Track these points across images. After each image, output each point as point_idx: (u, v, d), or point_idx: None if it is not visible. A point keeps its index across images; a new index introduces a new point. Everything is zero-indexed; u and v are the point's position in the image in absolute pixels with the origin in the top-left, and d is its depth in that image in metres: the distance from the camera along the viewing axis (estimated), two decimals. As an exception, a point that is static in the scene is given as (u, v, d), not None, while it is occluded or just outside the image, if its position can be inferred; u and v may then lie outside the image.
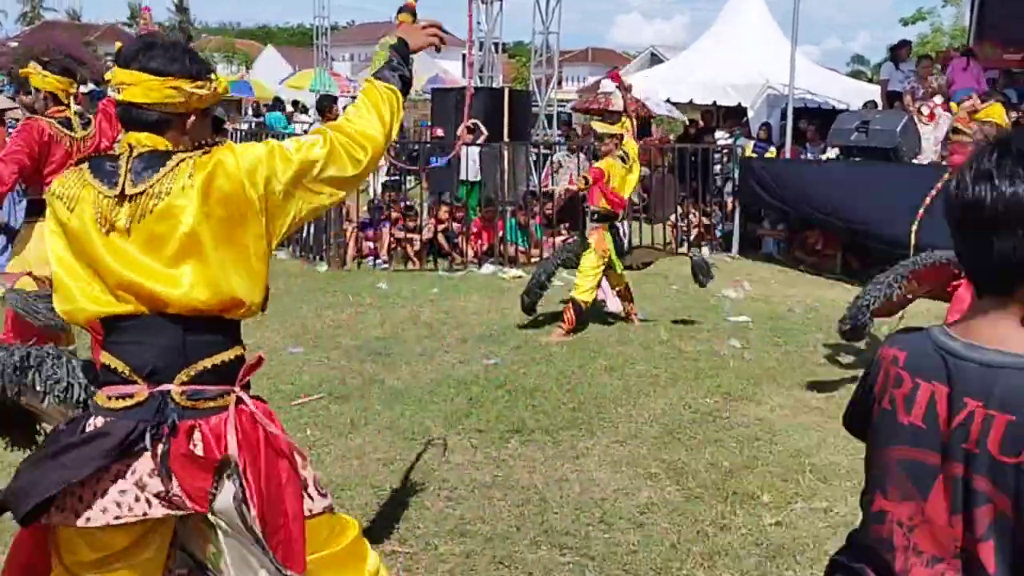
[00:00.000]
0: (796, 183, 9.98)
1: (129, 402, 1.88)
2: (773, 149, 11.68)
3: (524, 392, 5.09)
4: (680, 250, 10.67)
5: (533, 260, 9.87)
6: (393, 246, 9.70)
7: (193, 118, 1.95)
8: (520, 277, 8.94)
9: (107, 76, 1.96)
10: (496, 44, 15.00)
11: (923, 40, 28.53)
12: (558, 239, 9.84)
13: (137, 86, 1.88)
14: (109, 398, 1.90)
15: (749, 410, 4.93)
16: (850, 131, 9.65)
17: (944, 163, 9.24)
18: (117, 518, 1.83)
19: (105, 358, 1.93)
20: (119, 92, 1.91)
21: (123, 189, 1.87)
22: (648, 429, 4.58)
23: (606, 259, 6.51)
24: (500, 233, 9.93)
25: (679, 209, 11.35)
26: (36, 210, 4.28)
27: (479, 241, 9.97)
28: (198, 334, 1.90)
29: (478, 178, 10.88)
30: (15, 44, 33.40)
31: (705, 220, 11.34)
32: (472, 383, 5.23)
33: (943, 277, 4.96)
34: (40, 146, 4.24)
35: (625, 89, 7.16)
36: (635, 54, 42.92)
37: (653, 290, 8.10)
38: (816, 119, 11.93)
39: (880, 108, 10.98)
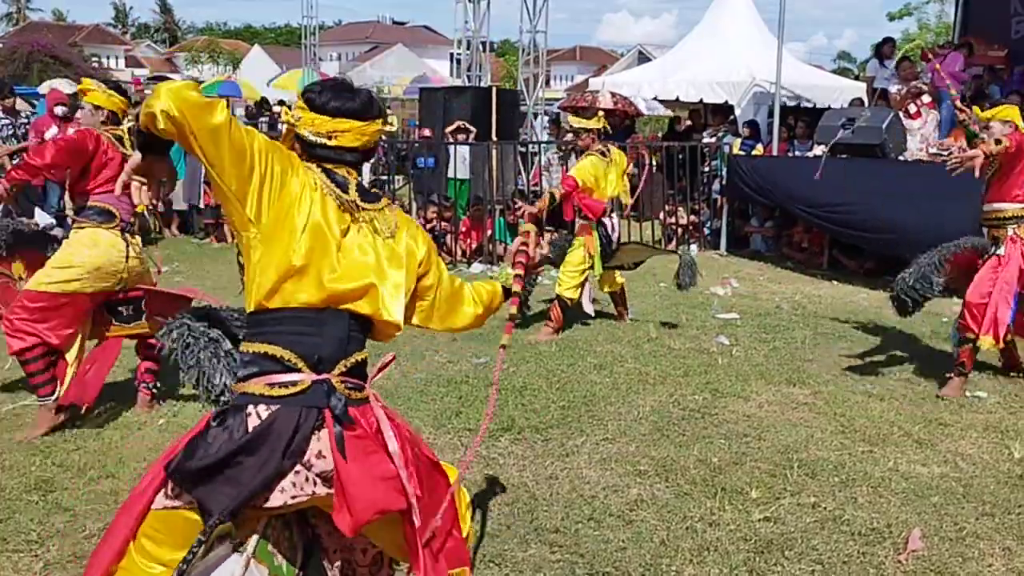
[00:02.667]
0: (783, 180, 10.03)
1: (293, 389, 1.98)
2: (760, 146, 11.72)
3: (514, 391, 5.10)
4: (670, 247, 10.72)
5: (522, 259, 9.88)
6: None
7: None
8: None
9: (287, 117, 2.14)
10: (484, 43, 15.02)
11: (908, 37, 28.68)
12: (546, 237, 9.84)
13: (350, 132, 2.11)
14: (271, 386, 1.98)
15: (737, 406, 4.96)
16: (836, 128, 9.69)
17: (931, 160, 9.34)
18: (294, 498, 1.95)
19: (263, 348, 2.01)
20: (331, 139, 2.10)
21: (356, 201, 2.11)
22: (637, 426, 4.60)
23: (591, 257, 6.44)
24: (489, 232, 9.94)
25: (667, 207, 11.38)
26: (85, 216, 4.35)
27: (468, 240, 9.98)
28: (357, 331, 2.10)
29: (466, 175, 10.89)
30: (0, 45, 33.12)
31: (693, 218, 11.38)
32: (462, 382, 5.24)
33: (968, 263, 5.17)
34: (87, 155, 4.28)
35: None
36: (623, 52, 43.00)
37: (642, 288, 8.12)
38: (803, 116, 11.98)
39: (866, 105, 11.04)
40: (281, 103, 18.43)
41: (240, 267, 2.11)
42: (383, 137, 2.31)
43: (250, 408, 1.97)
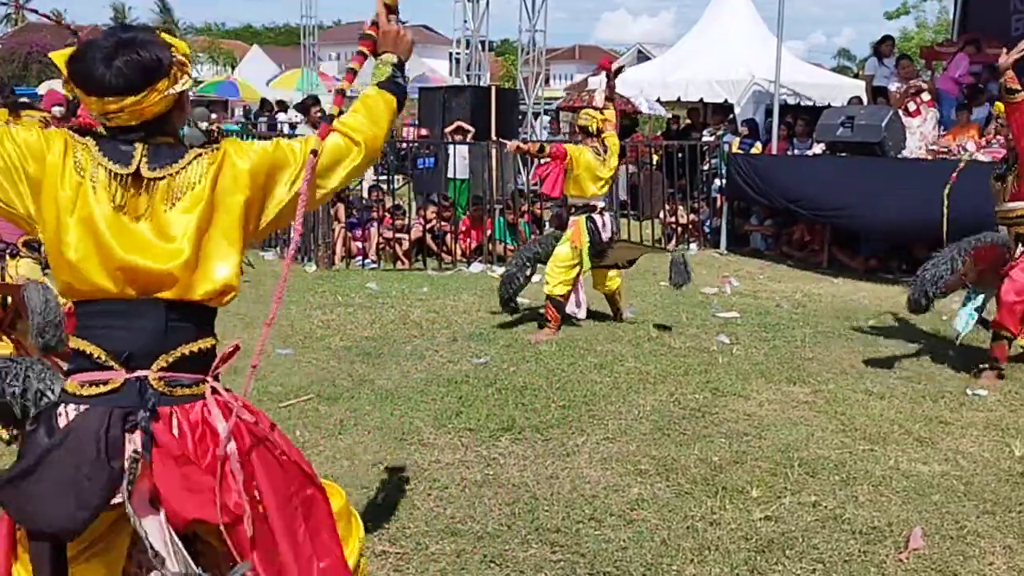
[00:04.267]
0: (783, 178, 10.04)
1: (103, 388, 1.84)
2: (759, 145, 11.73)
3: (514, 390, 5.10)
4: (668, 246, 10.73)
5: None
6: (382, 246, 9.69)
7: (183, 103, 1.96)
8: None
9: (65, 90, 1.91)
10: (483, 42, 15.02)
11: (906, 35, 28.69)
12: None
13: (123, 112, 1.84)
14: (81, 385, 1.85)
15: (738, 405, 4.95)
16: (836, 126, 9.70)
17: (931, 157, 9.35)
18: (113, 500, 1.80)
19: (77, 343, 1.87)
20: (109, 120, 1.86)
21: (138, 171, 1.86)
22: (638, 426, 4.59)
23: (579, 253, 6.34)
24: (489, 232, 9.93)
25: (667, 206, 11.38)
26: None
27: (468, 240, 9.98)
28: (180, 320, 1.89)
29: (465, 175, 10.88)
30: (-1, 46, 33.06)
31: (693, 217, 11.38)
32: (462, 382, 5.23)
33: (994, 259, 5.23)
34: None
35: (613, 77, 6.86)
36: (622, 51, 42.97)
37: (642, 287, 8.12)
38: (803, 114, 11.98)
39: (865, 103, 11.04)
40: (280, 103, 18.43)
41: None
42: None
43: (61, 408, 1.84)
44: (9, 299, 4.22)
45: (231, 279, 1.90)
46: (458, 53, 15.69)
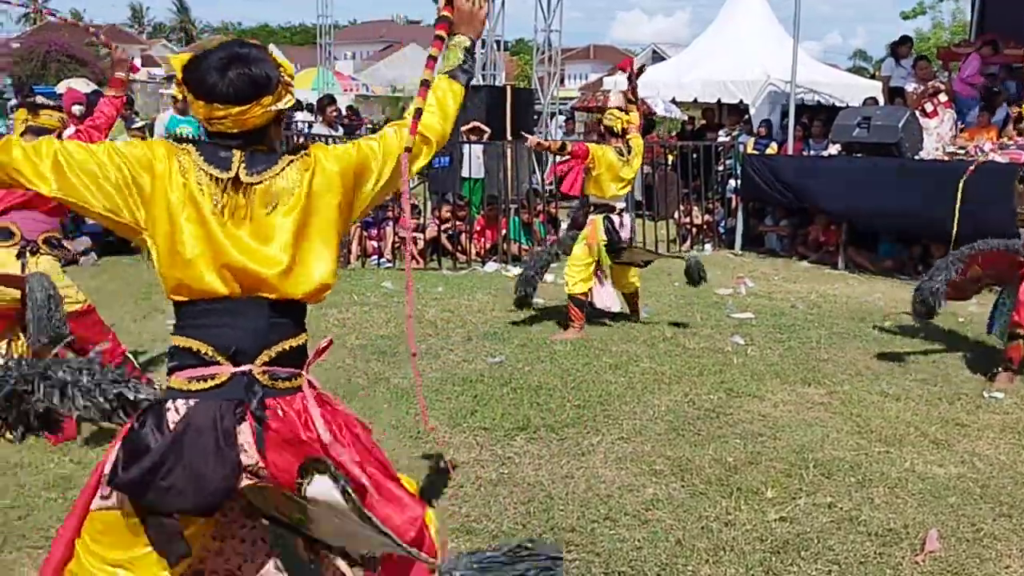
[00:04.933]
0: (799, 178, 10.01)
1: (211, 383, 1.94)
2: (774, 145, 11.69)
3: (529, 390, 5.11)
4: (683, 248, 10.72)
5: (536, 258, 9.90)
6: (397, 245, 9.72)
7: (281, 119, 2.07)
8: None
9: (176, 92, 2.03)
10: (498, 42, 15.04)
11: (922, 36, 28.51)
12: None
13: (227, 119, 1.95)
14: (189, 380, 1.95)
15: (753, 406, 4.95)
16: (852, 127, 9.67)
17: (947, 158, 9.31)
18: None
19: (183, 341, 1.97)
20: (210, 125, 1.97)
21: (238, 176, 1.96)
22: (653, 426, 4.60)
23: (596, 251, 6.35)
24: (504, 231, 9.94)
25: (681, 207, 11.36)
26: None
27: (482, 239, 9.99)
28: (280, 317, 2.00)
29: (481, 175, 10.90)
30: (16, 45, 33.38)
31: (708, 217, 11.36)
32: (477, 381, 5.25)
33: (1006, 263, 5.27)
34: None
35: (636, 77, 6.82)
36: (637, 51, 42.90)
37: (657, 287, 8.11)
38: (819, 115, 11.94)
39: (881, 104, 10.99)
40: (297, 103, 18.47)
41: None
42: None
43: (169, 403, 1.94)
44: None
45: (328, 278, 2.03)
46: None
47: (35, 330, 3.99)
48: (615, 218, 6.42)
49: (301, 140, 9.94)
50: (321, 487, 1.88)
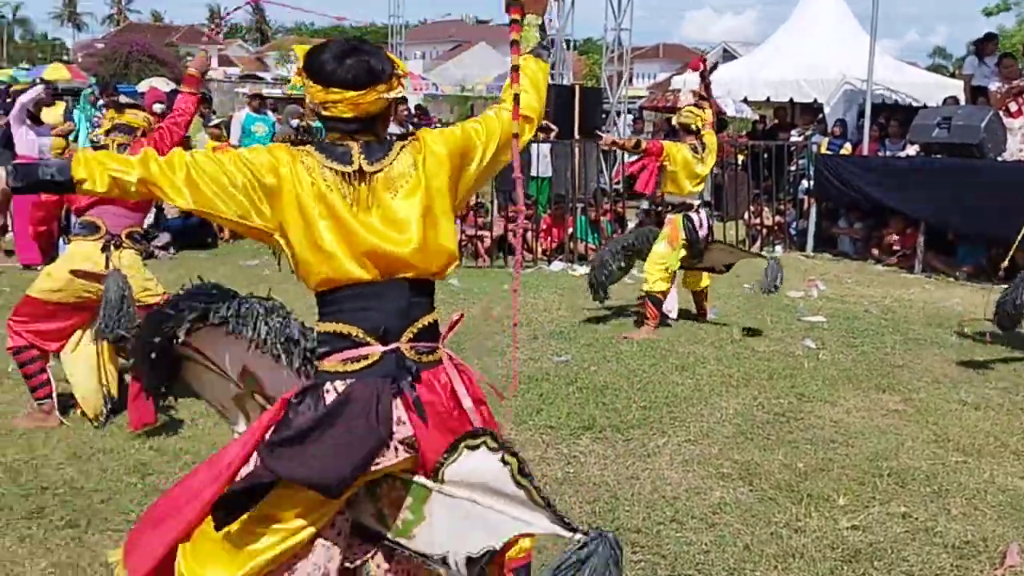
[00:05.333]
0: (876, 179, 9.76)
1: (365, 363, 2.03)
2: (848, 146, 11.42)
3: (595, 390, 5.09)
4: (754, 248, 10.55)
5: (603, 258, 9.85)
6: (463, 243, 9.78)
7: (392, 110, 2.18)
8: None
9: (294, 80, 2.11)
10: (567, 41, 15.02)
11: (1005, 33, 27.48)
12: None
13: (342, 103, 2.04)
14: (343, 362, 2.04)
15: (824, 412, 4.85)
16: (931, 127, 9.40)
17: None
18: (377, 464, 2.00)
19: (333, 327, 2.07)
20: (325, 110, 2.06)
21: (360, 168, 2.06)
22: (720, 429, 4.54)
23: (677, 250, 6.34)
24: (570, 230, 9.93)
25: (752, 207, 11.18)
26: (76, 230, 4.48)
27: (548, 238, 10.00)
28: (418, 296, 2.10)
29: (548, 173, 10.90)
30: (101, 45, 34.59)
31: (779, 218, 11.16)
32: (543, 380, 5.26)
33: None
34: None
35: (708, 74, 6.77)
36: (706, 50, 42.34)
37: (726, 289, 8.00)
38: (896, 115, 11.62)
39: (962, 103, 10.65)
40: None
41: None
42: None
43: (327, 385, 2.03)
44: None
45: (454, 249, 2.13)
46: (542, 51, 15.69)
47: (101, 326, 4.13)
48: (693, 216, 6.39)
49: (304, 132, 9.99)
50: (470, 463, 1.96)
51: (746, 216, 11.28)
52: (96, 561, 3.09)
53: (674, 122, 6.70)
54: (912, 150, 10.27)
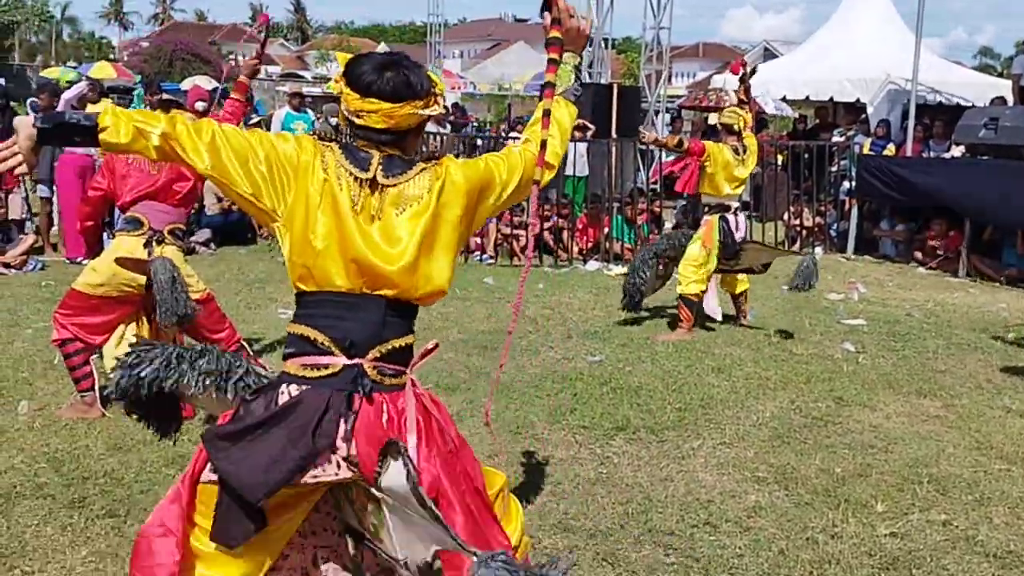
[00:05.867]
0: (922, 181, 9.59)
1: (324, 372, 2.03)
2: (891, 146, 11.23)
3: (629, 390, 5.07)
4: (793, 248, 10.42)
5: (639, 258, 9.80)
6: (499, 242, 9.79)
7: (422, 128, 2.18)
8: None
9: (332, 85, 2.14)
10: (606, 39, 14.95)
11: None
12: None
13: (376, 114, 2.05)
14: (303, 367, 2.04)
15: (863, 416, 4.78)
16: (978, 128, 9.22)
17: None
18: (315, 477, 1.99)
19: (301, 330, 2.07)
20: (358, 118, 2.06)
21: (375, 177, 2.05)
22: (756, 432, 4.49)
23: (712, 253, 6.26)
24: (606, 230, 9.89)
25: (791, 208, 11.04)
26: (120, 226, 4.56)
27: (584, 238, 9.97)
28: (395, 316, 2.07)
29: (584, 173, 10.86)
30: (146, 44, 35.17)
31: (819, 219, 11.01)
32: (576, 379, 5.24)
33: None
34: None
35: (749, 77, 6.68)
36: (747, 49, 41.91)
37: (763, 291, 7.91)
38: (941, 115, 11.41)
39: (1011, 104, 10.42)
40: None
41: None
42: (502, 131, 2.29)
43: (283, 387, 2.03)
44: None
45: (444, 284, 2.10)
46: (580, 50, 15.63)
47: (164, 311, 4.21)
48: (730, 218, 6.31)
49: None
50: (393, 472, 1.91)
51: (786, 217, 11.15)
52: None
53: (716, 122, 6.63)
54: (957, 151, 10.08)
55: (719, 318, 6.57)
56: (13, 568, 3.02)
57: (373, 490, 2.01)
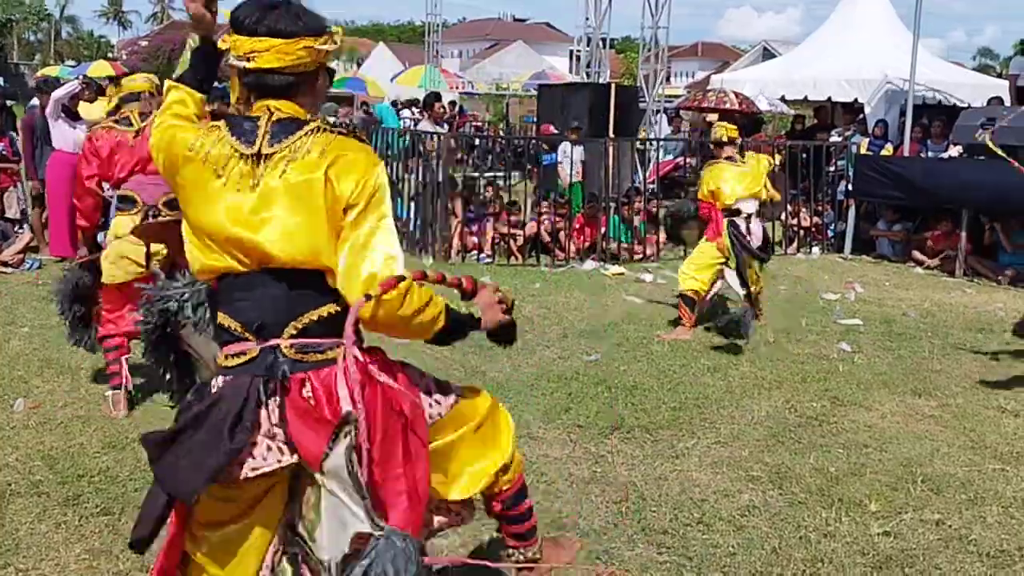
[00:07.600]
0: (919, 181, 9.59)
1: (243, 359, 1.97)
2: (889, 146, 11.24)
3: (624, 389, 5.07)
4: (789, 250, 10.44)
5: (636, 257, 9.81)
6: (496, 241, 9.79)
7: (321, 78, 2.05)
8: (622, 274, 8.90)
9: (223, 44, 2.01)
10: (604, 39, 14.95)
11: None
12: (662, 235, 9.70)
13: (269, 52, 1.94)
14: (227, 356, 1.99)
15: (858, 416, 4.78)
16: (975, 128, 9.20)
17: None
18: (254, 469, 1.93)
19: (220, 318, 2.02)
20: (249, 61, 1.95)
21: (260, 149, 1.95)
22: (751, 431, 4.50)
23: (724, 256, 6.13)
24: (603, 229, 9.89)
25: (789, 208, 11.05)
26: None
27: (581, 237, 9.97)
28: (302, 288, 1.95)
29: (578, 179, 10.84)
30: (144, 43, 35.14)
31: (816, 219, 11.01)
32: (572, 379, 5.25)
33: None
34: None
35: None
36: (746, 48, 41.90)
37: (759, 290, 7.92)
38: (939, 115, 11.41)
39: (1008, 104, 10.43)
40: (408, 103, 18.77)
41: None
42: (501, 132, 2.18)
43: (215, 380, 2.00)
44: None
45: (321, 251, 1.91)
46: (579, 50, 15.66)
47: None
48: (740, 223, 6.10)
49: (406, 136, 10.16)
50: (338, 451, 1.85)
51: (783, 217, 11.15)
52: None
53: (713, 137, 6.58)
54: (955, 151, 10.08)
55: (742, 292, 6.18)
56: (7, 565, 3.02)
57: (317, 475, 1.93)
